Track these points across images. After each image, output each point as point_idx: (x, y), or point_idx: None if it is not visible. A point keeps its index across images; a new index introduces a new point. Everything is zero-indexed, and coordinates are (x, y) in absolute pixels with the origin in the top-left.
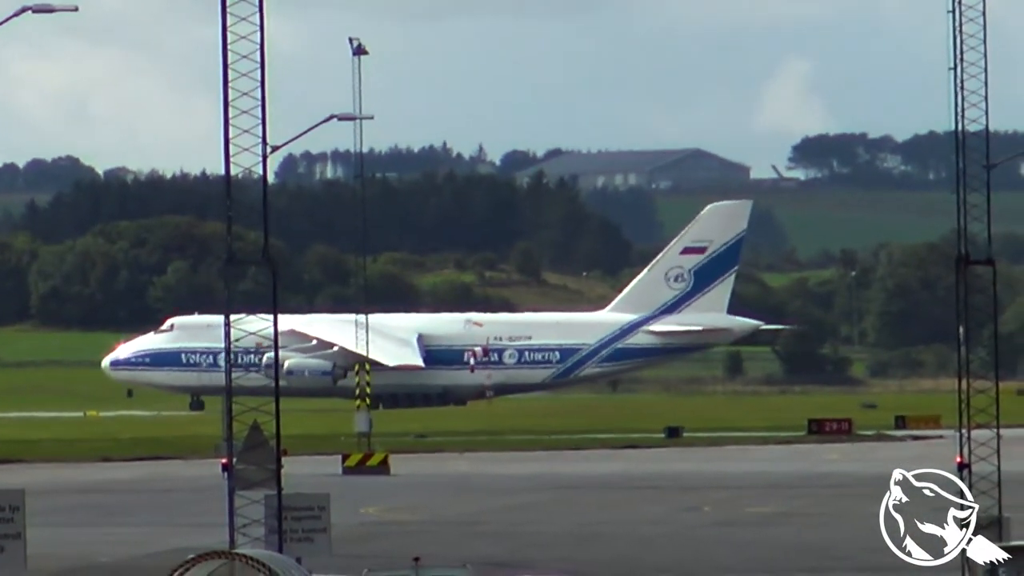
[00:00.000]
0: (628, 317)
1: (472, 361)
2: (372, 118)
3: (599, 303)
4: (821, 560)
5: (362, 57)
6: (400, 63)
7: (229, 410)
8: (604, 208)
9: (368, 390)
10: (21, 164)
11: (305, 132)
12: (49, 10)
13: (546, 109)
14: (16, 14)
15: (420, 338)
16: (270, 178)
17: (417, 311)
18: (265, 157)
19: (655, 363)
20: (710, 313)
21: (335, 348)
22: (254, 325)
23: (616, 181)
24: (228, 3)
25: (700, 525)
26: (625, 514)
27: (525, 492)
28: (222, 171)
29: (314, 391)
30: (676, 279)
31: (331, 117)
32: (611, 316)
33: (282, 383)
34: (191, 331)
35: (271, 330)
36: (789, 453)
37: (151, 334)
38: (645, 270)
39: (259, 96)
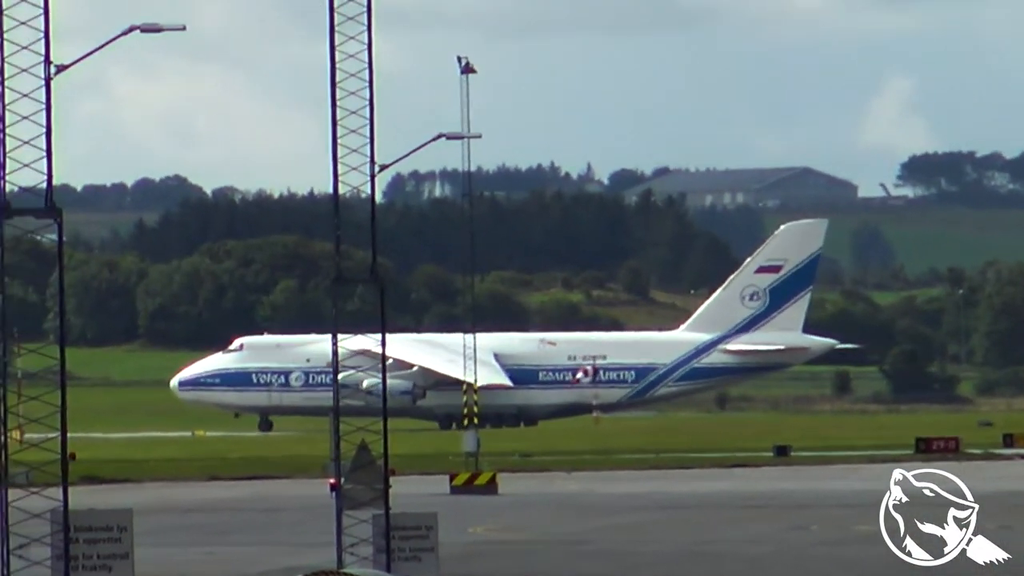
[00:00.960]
0: (703, 336)
1: (582, 378)
2: (480, 136)
3: None
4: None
5: (470, 76)
6: (508, 81)
7: (336, 429)
8: (712, 226)
9: (476, 410)
10: (129, 183)
11: (413, 151)
12: (156, 29)
13: (654, 127)
14: (124, 33)
15: (496, 357)
16: (378, 197)
17: (526, 331)
18: (373, 176)
19: (731, 382)
20: (786, 332)
21: (414, 368)
22: (341, 345)
23: (724, 199)
24: (336, 22)
25: (808, 544)
26: (733, 533)
27: (632, 511)
28: (330, 190)
29: (393, 410)
30: (751, 298)
31: (439, 136)
32: (686, 335)
33: (360, 402)
34: (260, 351)
35: (344, 349)
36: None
37: (219, 354)
38: (720, 289)
39: (367, 115)
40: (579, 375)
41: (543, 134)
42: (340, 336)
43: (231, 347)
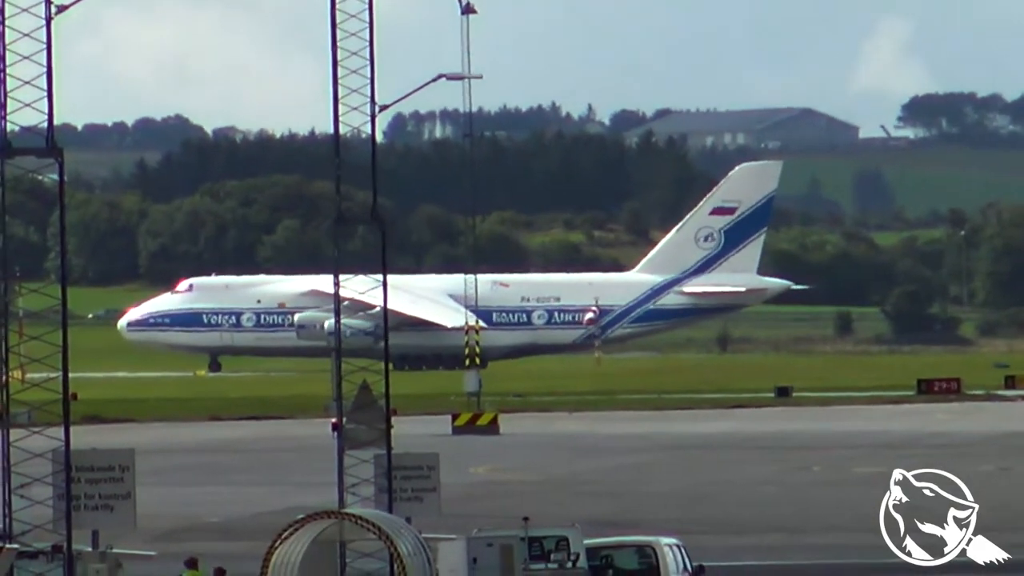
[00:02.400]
0: (657, 278)
1: (588, 317)
2: (481, 77)
3: None
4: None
5: (470, 16)
6: (509, 22)
7: (338, 369)
8: (713, 168)
9: (478, 350)
10: (130, 123)
11: (414, 91)
12: None
13: (655, 69)
14: None
15: (451, 300)
16: (379, 137)
17: (527, 271)
18: (374, 116)
19: (686, 324)
20: (740, 273)
21: (375, 309)
22: (289, 286)
23: (725, 140)
24: None
25: (809, 485)
26: (735, 474)
27: (634, 452)
28: (331, 130)
29: (355, 351)
30: (706, 239)
31: (440, 76)
32: (640, 277)
33: (320, 343)
34: (210, 292)
35: (294, 290)
36: (898, 412)
37: (167, 295)
38: (673, 230)
39: (367, 55)
40: (587, 315)
41: (544, 75)
42: (306, 276)
43: (179, 288)
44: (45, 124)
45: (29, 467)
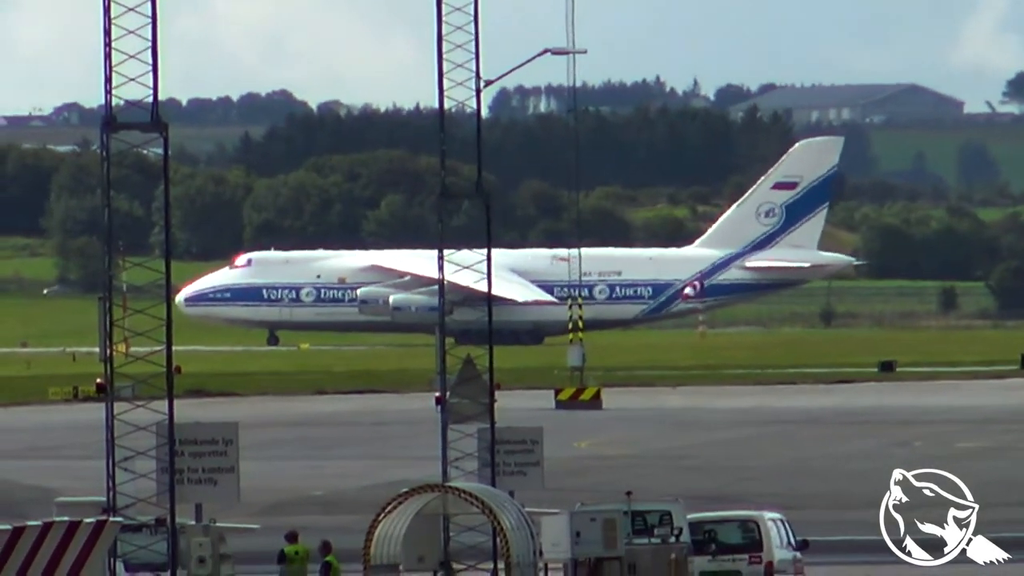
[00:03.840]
0: (718, 253)
1: (691, 292)
2: (585, 52)
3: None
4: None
5: None
6: None
7: (442, 343)
8: None
9: (581, 324)
10: (235, 98)
11: (518, 66)
12: None
13: (760, 44)
14: None
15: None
16: (484, 112)
17: (631, 246)
18: (479, 91)
19: (747, 299)
20: (801, 249)
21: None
22: (349, 261)
23: (830, 116)
24: None
25: (910, 460)
26: (837, 448)
27: (737, 427)
28: (436, 105)
29: (420, 327)
30: (767, 214)
31: (544, 51)
32: (701, 251)
33: (383, 317)
34: (269, 266)
35: (355, 264)
36: (1002, 388)
37: (226, 269)
38: (734, 206)
39: (472, 30)
40: (687, 290)
41: (649, 49)
42: (366, 251)
43: (238, 262)
44: (150, 99)
45: (133, 440)
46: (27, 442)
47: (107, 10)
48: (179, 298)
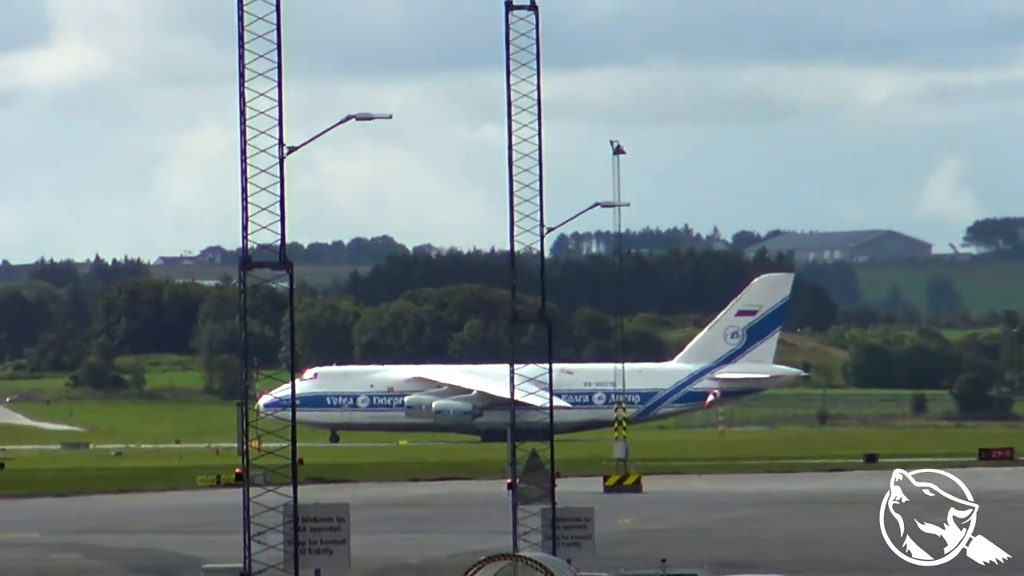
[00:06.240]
0: (693, 367)
1: (711, 399)
2: (628, 205)
3: (811, 354)
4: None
5: (620, 156)
6: (650, 160)
7: (512, 440)
8: (815, 277)
9: (625, 424)
10: (346, 242)
11: (574, 217)
12: (369, 118)
13: (768, 198)
14: (343, 121)
15: None
16: (546, 253)
17: (665, 360)
18: (543, 236)
19: (718, 404)
20: (760, 363)
21: (473, 392)
22: (397, 373)
23: (824, 256)
24: (513, 113)
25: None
26: (831, 523)
27: (751, 506)
28: (507, 247)
29: (454, 427)
30: (732, 336)
31: (595, 204)
32: (680, 366)
33: (426, 420)
34: (331, 379)
35: (402, 376)
36: (964, 475)
37: (297, 381)
38: (705, 329)
39: (536, 187)
40: (709, 398)
41: (679, 203)
42: (409, 366)
43: (306, 375)
44: (278, 243)
45: (265, 518)
46: (179, 520)
47: (244, 172)
48: (259, 404)
